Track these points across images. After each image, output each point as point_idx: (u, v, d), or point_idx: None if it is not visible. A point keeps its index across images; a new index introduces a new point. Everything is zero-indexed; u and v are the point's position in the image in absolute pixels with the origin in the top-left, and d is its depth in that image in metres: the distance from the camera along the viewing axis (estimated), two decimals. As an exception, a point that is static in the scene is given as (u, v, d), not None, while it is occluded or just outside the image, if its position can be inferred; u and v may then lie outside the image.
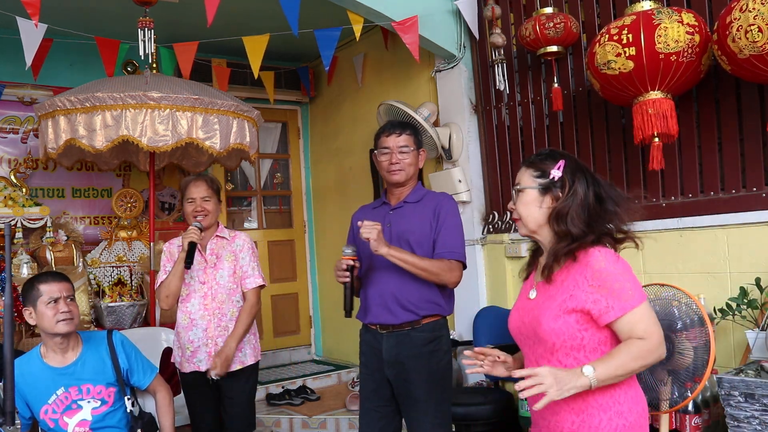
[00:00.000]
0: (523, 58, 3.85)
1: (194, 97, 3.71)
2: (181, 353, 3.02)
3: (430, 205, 2.59)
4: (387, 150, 2.60)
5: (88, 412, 2.50)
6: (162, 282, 2.97)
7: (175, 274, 2.90)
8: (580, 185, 1.73)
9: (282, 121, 5.94)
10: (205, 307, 2.97)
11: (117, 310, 4.20)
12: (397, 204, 2.64)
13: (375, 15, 3.71)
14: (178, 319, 3.03)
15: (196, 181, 3.05)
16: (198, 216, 2.99)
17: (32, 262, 4.21)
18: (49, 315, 2.45)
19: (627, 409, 1.68)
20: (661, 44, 2.67)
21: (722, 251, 2.97)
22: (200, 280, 3.01)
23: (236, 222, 5.81)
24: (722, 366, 2.83)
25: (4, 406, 1.70)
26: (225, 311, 2.99)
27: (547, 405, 1.57)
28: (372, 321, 2.60)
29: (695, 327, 2.37)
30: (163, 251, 3.11)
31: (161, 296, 2.96)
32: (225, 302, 2.99)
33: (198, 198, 3.00)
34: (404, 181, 2.62)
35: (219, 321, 2.97)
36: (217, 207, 3.08)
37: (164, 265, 3.04)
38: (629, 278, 1.67)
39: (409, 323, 2.54)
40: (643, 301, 1.65)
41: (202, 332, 2.96)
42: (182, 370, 3.02)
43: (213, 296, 2.99)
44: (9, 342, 1.74)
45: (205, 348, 2.96)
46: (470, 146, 4.09)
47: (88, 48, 4.14)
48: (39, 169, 4.71)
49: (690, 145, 3.10)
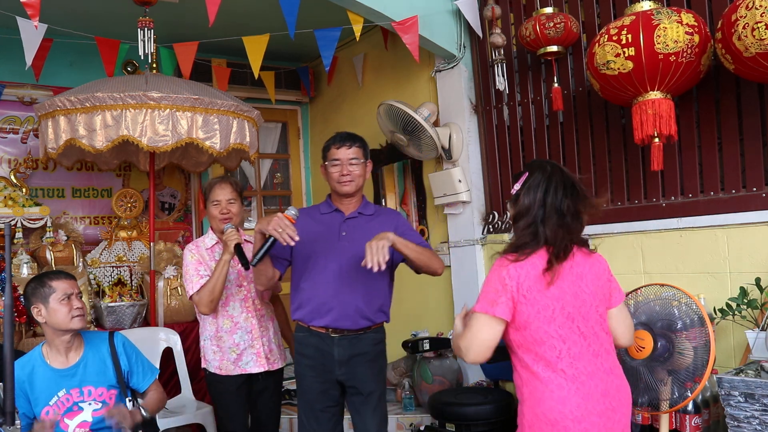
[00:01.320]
0: (523, 58, 3.85)
1: (194, 97, 3.71)
2: (221, 356, 3.00)
3: (388, 222, 2.73)
4: (337, 162, 2.69)
5: (88, 413, 2.50)
6: (204, 286, 2.91)
7: (220, 277, 2.87)
8: (523, 199, 2.00)
9: (282, 121, 5.94)
10: (248, 310, 3.03)
11: (117, 310, 4.21)
12: (351, 214, 2.74)
13: (375, 15, 3.71)
14: (220, 324, 3.01)
15: (222, 183, 3.04)
16: (224, 219, 2.99)
17: (32, 262, 4.21)
18: (64, 311, 2.45)
19: None
20: (661, 44, 2.67)
21: (722, 251, 2.97)
22: (237, 284, 3.03)
23: (236, 222, 5.80)
24: (722, 366, 2.83)
25: (4, 406, 1.70)
26: (263, 312, 3.08)
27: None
28: (321, 324, 2.66)
29: (695, 327, 2.37)
30: (190, 254, 3.04)
31: (205, 301, 2.90)
32: (263, 304, 3.09)
33: (224, 200, 3.01)
34: (354, 192, 2.72)
35: (260, 322, 3.06)
36: (241, 209, 3.10)
37: (196, 269, 2.97)
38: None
39: (364, 329, 2.71)
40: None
41: (248, 335, 3.01)
42: (223, 374, 3.00)
43: (253, 299, 3.06)
44: (9, 342, 1.75)
45: (251, 350, 3.01)
46: (470, 146, 4.09)
47: (88, 48, 4.14)
48: (39, 169, 4.71)
49: (690, 145, 3.11)
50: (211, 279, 2.89)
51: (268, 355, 3.05)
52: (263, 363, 3.03)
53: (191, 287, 2.96)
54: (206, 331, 3.06)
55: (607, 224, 3.38)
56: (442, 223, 4.39)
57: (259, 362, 3.02)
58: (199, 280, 2.94)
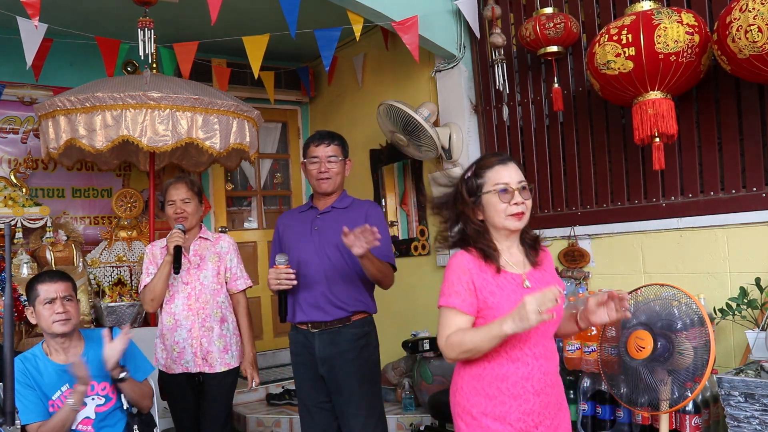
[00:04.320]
0: (523, 58, 3.85)
1: (194, 97, 3.71)
2: (167, 355, 3.00)
3: (359, 211, 2.73)
4: (316, 159, 2.74)
5: (91, 409, 2.50)
6: (146, 285, 2.97)
7: (161, 277, 2.92)
8: None
9: (282, 121, 5.94)
10: (189, 308, 2.98)
11: (117, 310, 4.21)
12: (325, 209, 2.77)
13: (375, 15, 3.71)
14: (163, 321, 3.01)
15: (176, 184, 3.06)
16: (179, 218, 3.00)
17: (32, 262, 4.21)
18: (46, 315, 2.47)
19: None
20: (661, 44, 2.67)
21: (722, 251, 2.97)
22: (183, 281, 3.01)
23: (236, 222, 5.80)
24: (722, 366, 2.83)
25: (4, 406, 1.70)
26: (209, 312, 3.00)
27: (554, 401, 1.85)
28: (303, 320, 2.71)
29: (695, 327, 2.37)
30: (146, 253, 3.11)
31: (146, 299, 2.98)
32: (209, 303, 3.00)
33: (178, 200, 3.02)
34: (332, 189, 2.77)
35: (203, 321, 2.98)
36: (199, 208, 3.08)
37: (146, 267, 3.04)
38: None
39: (340, 320, 2.68)
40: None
41: (187, 333, 2.97)
42: (169, 372, 3.00)
43: (197, 297, 3.00)
44: (9, 342, 1.75)
45: (190, 349, 2.96)
46: (470, 146, 4.09)
47: (88, 48, 4.14)
48: (39, 169, 4.72)
49: (690, 145, 3.10)
50: (153, 279, 2.95)
51: (206, 355, 2.96)
52: (200, 363, 2.96)
53: (140, 285, 3.05)
54: (158, 329, 3.08)
55: (607, 224, 3.38)
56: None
57: (195, 362, 2.95)
58: (146, 278, 3.01)
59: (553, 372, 1.88)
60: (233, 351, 3.04)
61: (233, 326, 3.08)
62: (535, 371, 1.82)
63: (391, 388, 4.38)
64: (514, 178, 1.85)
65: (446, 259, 4.30)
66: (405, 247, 4.74)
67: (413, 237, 4.72)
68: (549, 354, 1.87)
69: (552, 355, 1.89)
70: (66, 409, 2.40)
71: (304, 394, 2.78)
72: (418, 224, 4.68)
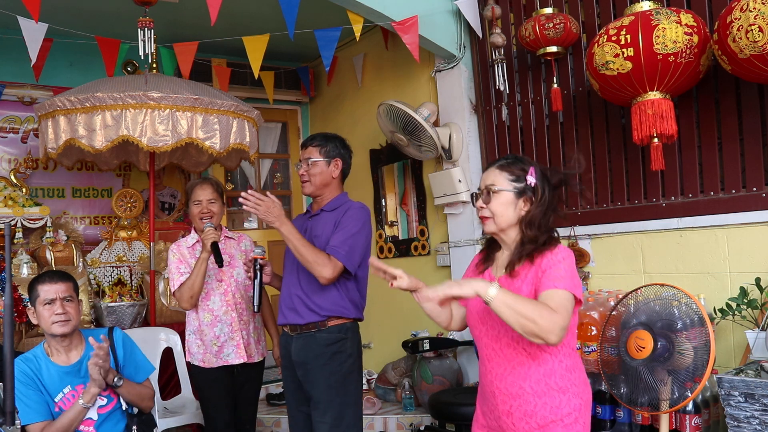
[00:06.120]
0: (523, 58, 3.85)
1: (194, 97, 3.71)
2: (205, 350, 3.08)
3: (341, 212, 2.68)
4: (299, 163, 2.76)
5: (94, 410, 2.50)
6: (184, 284, 3.03)
7: (198, 274, 2.99)
8: (548, 193, 1.89)
9: (282, 121, 5.94)
10: (227, 304, 3.10)
11: (117, 310, 4.21)
12: (315, 212, 2.78)
13: (375, 15, 3.71)
14: (200, 318, 3.10)
15: (203, 184, 3.16)
16: (204, 218, 3.10)
17: (32, 262, 4.21)
18: (45, 316, 2.47)
19: (582, 390, 1.87)
20: (659, 45, 2.67)
21: (722, 251, 2.97)
22: (217, 278, 3.12)
23: (236, 222, 5.80)
24: (722, 366, 2.83)
25: (4, 406, 1.70)
26: (244, 306, 3.14)
27: (510, 388, 1.83)
28: (282, 322, 2.73)
29: (695, 327, 2.37)
30: (172, 253, 3.15)
31: (185, 297, 3.02)
32: (243, 298, 3.15)
33: (204, 200, 3.12)
34: (311, 191, 2.74)
35: (240, 315, 3.13)
36: (222, 209, 3.20)
37: (177, 267, 3.09)
38: (569, 270, 1.81)
39: (315, 324, 2.62)
40: (569, 290, 1.76)
41: (228, 327, 3.09)
42: (206, 366, 3.08)
43: (233, 293, 3.13)
44: (9, 342, 1.75)
45: (231, 342, 3.08)
46: (470, 146, 4.09)
47: (88, 48, 4.14)
48: (39, 169, 4.71)
49: (690, 145, 3.11)
50: (190, 276, 3.01)
51: (247, 347, 3.11)
52: (243, 355, 3.09)
53: (173, 285, 3.10)
54: (190, 325, 3.15)
55: (607, 224, 3.38)
56: (442, 223, 4.39)
57: (239, 354, 3.08)
58: (179, 277, 3.06)
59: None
60: (263, 342, 3.25)
61: (260, 318, 3.26)
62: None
63: (391, 388, 4.39)
64: (483, 183, 1.93)
65: (446, 259, 4.30)
66: (405, 247, 4.74)
67: (413, 237, 4.72)
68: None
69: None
70: (77, 408, 2.43)
71: (288, 397, 2.80)
72: (418, 224, 4.68)
